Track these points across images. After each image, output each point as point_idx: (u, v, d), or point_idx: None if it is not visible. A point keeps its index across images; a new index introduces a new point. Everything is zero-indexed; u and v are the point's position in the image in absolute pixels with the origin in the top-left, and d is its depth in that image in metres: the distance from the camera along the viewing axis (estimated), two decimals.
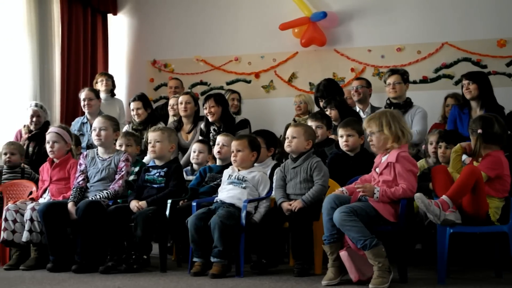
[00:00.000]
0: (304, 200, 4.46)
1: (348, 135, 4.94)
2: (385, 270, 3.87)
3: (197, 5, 8.94)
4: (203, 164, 5.73)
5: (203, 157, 5.76)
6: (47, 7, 8.12)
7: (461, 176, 4.01)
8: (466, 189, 3.97)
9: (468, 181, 3.96)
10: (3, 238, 5.03)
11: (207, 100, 6.44)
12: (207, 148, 5.83)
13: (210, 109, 6.35)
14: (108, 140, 5.24)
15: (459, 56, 8.00)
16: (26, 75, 7.71)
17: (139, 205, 4.83)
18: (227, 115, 6.49)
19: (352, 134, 4.93)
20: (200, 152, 5.76)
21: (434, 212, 3.92)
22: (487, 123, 4.24)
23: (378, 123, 4.15)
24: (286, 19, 8.33)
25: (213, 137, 6.29)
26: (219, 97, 6.50)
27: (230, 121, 6.46)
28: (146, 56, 9.16)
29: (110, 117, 5.48)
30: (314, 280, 4.18)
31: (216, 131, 6.33)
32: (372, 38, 8.29)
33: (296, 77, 8.60)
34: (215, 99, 6.41)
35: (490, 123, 4.24)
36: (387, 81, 6.30)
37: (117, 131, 5.36)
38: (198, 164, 5.74)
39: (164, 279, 4.37)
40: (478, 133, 4.19)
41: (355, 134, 4.93)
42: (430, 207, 3.92)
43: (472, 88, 5.74)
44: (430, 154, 5.25)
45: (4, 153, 5.90)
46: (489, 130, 4.21)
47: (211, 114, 6.36)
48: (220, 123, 6.39)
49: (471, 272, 4.55)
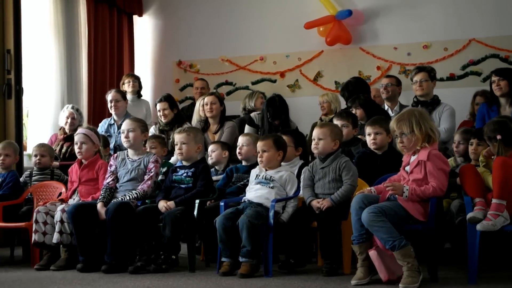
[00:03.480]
0: (333, 199, 4.45)
1: (376, 133, 4.91)
2: (415, 270, 3.85)
3: (222, 6, 8.98)
4: (218, 163, 5.75)
5: (216, 155, 5.76)
6: (74, 9, 8.21)
7: (495, 172, 3.96)
8: (509, 182, 3.93)
9: (506, 173, 3.92)
10: (35, 240, 5.06)
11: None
12: (220, 146, 5.83)
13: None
14: (136, 141, 5.26)
15: (486, 52, 7.95)
16: (54, 77, 7.81)
17: (167, 205, 4.84)
18: (287, 118, 6.42)
19: (380, 132, 4.90)
20: (212, 152, 5.76)
21: (500, 223, 3.89)
22: (504, 127, 4.19)
23: (409, 124, 4.10)
24: (311, 17, 8.35)
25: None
26: (281, 101, 6.42)
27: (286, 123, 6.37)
28: (172, 57, 9.23)
29: (138, 119, 5.52)
30: (343, 279, 4.16)
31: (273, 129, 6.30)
32: (398, 36, 8.28)
33: (321, 76, 8.60)
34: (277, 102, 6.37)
35: (507, 127, 4.19)
36: (414, 79, 6.26)
37: (146, 132, 5.38)
38: (214, 164, 5.75)
39: (193, 279, 4.39)
40: (498, 139, 4.14)
41: (383, 132, 4.89)
42: (495, 226, 3.89)
43: (502, 85, 5.68)
44: (454, 153, 5.22)
45: (35, 155, 5.95)
46: (508, 133, 4.16)
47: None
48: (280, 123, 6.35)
49: (502, 271, 4.50)
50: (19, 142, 6.48)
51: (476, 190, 4.13)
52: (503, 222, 3.91)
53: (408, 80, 6.62)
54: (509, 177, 3.94)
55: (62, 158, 6.51)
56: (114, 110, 6.97)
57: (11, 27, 6.74)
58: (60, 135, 6.77)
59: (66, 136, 6.63)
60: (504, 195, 3.93)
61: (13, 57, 6.74)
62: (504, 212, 3.92)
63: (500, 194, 3.93)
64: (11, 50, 6.74)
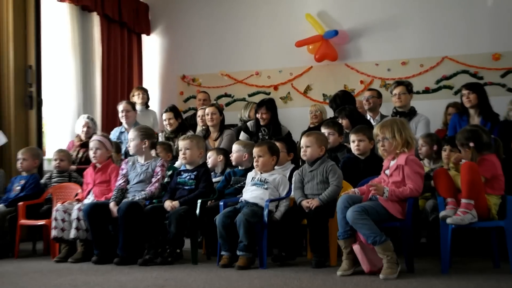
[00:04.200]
0: (321, 199, 4.47)
1: (359, 140, 4.93)
2: (394, 262, 3.87)
3: (221, 26, 9.00)
4: (215, 166, 5.76)
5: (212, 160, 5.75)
6: (89, 29, 8.24)
7: (463, 175, 3.99)
8: (476, 184, 3.97)
9: (473, 176, 3.96)
10: (54, 235, 5.08)
11: (260, 106, 6.50)
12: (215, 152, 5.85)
13: (262, 115, 6.43)
14: (137, 148, 5.25)
15: (457, 69, 7.98)
16: (71, 90, 7.84)
17: (172, 205, 4.86)
18: (276, 120, 6.54)
19: (363, 139, 4.92)
20: (208, 158, 5.75)
21: (468, 219, 3.92)
22: (476, 135, 4.20)
23: (391, 130, 4.14)
24: (301, 37, 8.37)
25: (262, 136, 6.38)
26: (271, 104, 6.53)
27: (277, 126, 6.50)
28: (176, 72, 9.25)
29: (138, 128, 5.44)
30: (330, 271, 4.17)
31: (265, 133, 6.42)
32: (379, 53, 8.30)
33: (311, 89, 8.63)
34: (266, 106, 6.47)
35: (479, 135, 4.21)
36: (393, 92, 6.29)
37: (145, 140, 5.26)
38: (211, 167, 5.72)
39: (196, 271, 4.40)
40: (471, 146, 4.18)
41: (366, 139, 4.92)
42: (464, 221, 3.92)
43: (472, 98, 5.72)
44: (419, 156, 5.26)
45: (54, 159, 5.97)
46: (480, 140, 4.19)
47: (263, 119, 6.44)
48: (270, 127, 6.45)
49: (471, 262, 4.52)
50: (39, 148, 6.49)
51: (448, 191, 4.16)
52: (471, 219, 3.94)
53: (388, 93, 6.64)
54: (475, 179, 3.97)
55: (78, 162, 6.53)
56: (125, 119, 6.99)
57: (32, 46, 6.76)
58: (76, 142, 6.78)
59: (82, 143, 6.65)
60: (472, 195, 3.96)
61: (34, 72, 6.76)
62: (473, 210, 3.95)
63: (468, 194, 3.96)
64: (32, 65, 6.75)
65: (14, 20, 6.64)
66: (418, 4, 8.19)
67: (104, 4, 8.32)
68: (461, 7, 7.99)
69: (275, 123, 6.49)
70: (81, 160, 6.52)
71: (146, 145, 5.25)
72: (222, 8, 9.02)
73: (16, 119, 6.63)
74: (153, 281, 3.95)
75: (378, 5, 8.34)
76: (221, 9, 9.02)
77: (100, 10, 8.27)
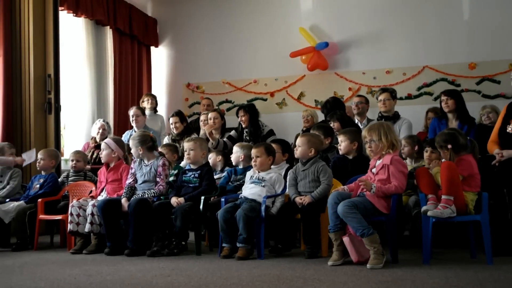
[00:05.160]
0: (313, 196, 4.44)
1: (341, 140, 4.92)
2: (380, 253, 3.85)
3: (223, 39, 9.00)
4: (216, 166, 5.74)
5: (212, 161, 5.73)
6: (103, 41, 8.23)
7: (443, 173, 3.97)
8: (455, 181, 3.94)
9: (451, 174, 3.94)
10: (70, 229, 5.06)
11: (239, 110, 6.69)
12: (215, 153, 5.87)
13: (242, 117, 6.59)
14: (136, 154, 5.20)
15: (437, 77, 7.98)
16: (86, 96, 7.83)
17: (178, 201, 4.84)
18: (255, 121, 6.63)
19: (344, 140, 4.88)
20: (209, 158, 5.71)
21: (447, 214, 3.89)
22: (453, 138, 4.19)
23: (378, 133, 4.13)
24: (295, 48, 8.37)
25: (245, 137, 6.47)
26: (248, 108, 6.72)
27: (256, 126, 6.62)
28: (182, 80, 9.23)
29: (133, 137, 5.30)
30: (321, 261, 4.15)
31: (247, 134, 6.56)
32: (366, 63, 8.30)
33: (304, 96, 8.61)
34: (244, 109, 6.67)
35: (456, 137, 4.19)
36: (379, 98, 6.28)
37: (141, 146, 5.16)
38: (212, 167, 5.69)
39: (199, 261, 4.37)
40: (449, 148, 4.15)
41: (347, 140, 4.87)
42: (443, 215, 3.89)
43: (450, 103, 5.70)
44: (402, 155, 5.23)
45: (71, 159, 5.94)
46: (457, 142, 4.17)
47: (243, 121, 6.60)
48: (250, 129, 6.56)
49: (450, 254, 4.50)
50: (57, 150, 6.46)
51: (429, 188, 4.14)
52: (450, 213, 3.91)
53: (374, 99, 6.63)
54: (454, 178, 3.95)
55: (93, 162, 6.51)
56: (135, 123, 6.97)
57: (51, 56, 6.73)
58: (91, 144, 6.77)
59: (96, 144, 6.63)
60: (451, 192, 3.94)
61: (53, 80, 6.72)
62: (452, 206, 3.92)
63: (448, 191, 3.94)
64: (51, 74, 6.72)
65: (34, 33, 6.63)
66: (401, 19, 8.18)
67: (116, 19, 8.32)
68: (440, 20, 8.00)
69: (254, 124, 6.61)
70: (95, 160, 6.50)
71: (142, 152, 5.18)
72: (224, 22, 9.01)
73: (36, 123, 6.61)
74: (160, 270, 3.92)
75: (365, 19, 8.33)
76: (223, 24, 9.01)
77: (112, 24, 8.27)
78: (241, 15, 8.93)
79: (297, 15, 8.63)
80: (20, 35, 6.64)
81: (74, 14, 7.52)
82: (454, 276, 3.42)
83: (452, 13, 7.97)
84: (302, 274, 3.64)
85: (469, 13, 7.94)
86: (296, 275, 3.62)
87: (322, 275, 3.59)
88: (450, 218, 3.92)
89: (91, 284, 3.43)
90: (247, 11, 8.91)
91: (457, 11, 7.97)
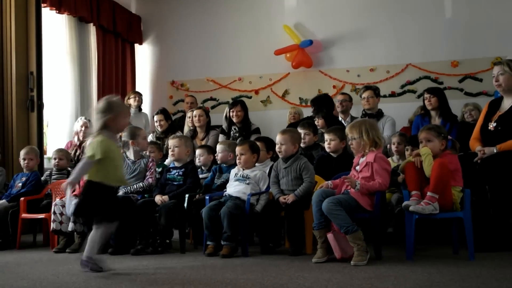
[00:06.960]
0: (296, 194, 4.44)
1: (331, 139, 4.93)
2: (363, 250, 3.85)
3: (207, 36, 8.97)
4: (205, 165, 5.62)
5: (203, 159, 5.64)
6: (86, 38, 8.17)
7: (434, 170, 3.97)
8: (444, 180, 3.96)
9: (442, 172, 3.96)
10: (53, 228, 5.02)
11: (234, 105, 6.60)
12: (206, 151, 5.73)
13: (237, 112, 6.51)
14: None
15: (420, 74, 8.03)
16: (69, 94, 7.75)
17: (162, 199, 4.82)
18: (247, 118, 6.66)
19: (334, 139, 4.92)
20: (200, 156, 5.62)
21: (429, 210, 3.91)
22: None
23: (359, 130, 4.13)
24: (279, 46, 8.37)
25: (233, 135, 6.39)
26: (244, 104, 6.72)
27: (247, 123, 6.63)
28: (166, 78, 9.19)
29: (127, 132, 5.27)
30: (306, 258, 4.15)
31: (236, 131, 6.51)
32: (349, 61, 8.32)
33: (288, 93, 8.61)
34: (241, 104, 6.63)
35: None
36: (362, 96, 6.30)
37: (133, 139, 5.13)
38: (202, 165, 5.61)
39: (184, 259, 4.35)
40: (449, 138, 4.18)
41: (337, 139, 4.91)
42: (424, 211, 3.90)
43: (433, 101, 5.75)
44: (393, 153, 5.26)
45: (54, 158, 5.88)
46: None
47: (237, 116, 6.52)
48: (241, 125, 6.53)
49: (433, 250, 4.53)
50: (40, 148, 6.40)
51: (415, 183, 4.13)
52: (432, 210, 3.91)
53: (358, 97, 6.66)
54: (444, 176, 3.96)
55: (76, 160, 6.44)
56: None
57: (34, 53, 6.65)
58: (76, 141, 6.70)
59: (79, 142, 6.56)
60: (438, 190, 3.94)
61: (35, 77, 6.65)
62: (435, 203, 3.94)
63: (435, 189, 3.94)
64: (33, 71, 6.65)
65: (16, 30, 6.55)
66: (384, 17, 8.21)
67: (100, 16, 8.25)
68: (423, 19, 8.05)
69: (246, 121, 6.61)
70: (78, 158, 6.43)
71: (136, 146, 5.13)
72: (208, 20, 8.97)
73: (18, 121, 6.54)
74: (144, 269, 3.89)
75: (348, 17, 8.35)
76: (207, 21, 8.97)
77: (96, 21, 8.20)
78: (225, 12, 8.91)
79: (281, 13, 8.62)
80: (2, 32, 6.57)
81: (57, 11, 7.44)
82: (436, 272, 3.44)
83: (435, 11, 8.02)
84: (286, 271, 3.63)
85: (451, 12, 7.99)
86: (280, 272, 3.61)
87: (306, 272, 3.59)
88: (432, 215, 3.94)
89: (75, 283, 3.40)
90: (231, 8, 8.89)
91: (439, 9, 8.03)
